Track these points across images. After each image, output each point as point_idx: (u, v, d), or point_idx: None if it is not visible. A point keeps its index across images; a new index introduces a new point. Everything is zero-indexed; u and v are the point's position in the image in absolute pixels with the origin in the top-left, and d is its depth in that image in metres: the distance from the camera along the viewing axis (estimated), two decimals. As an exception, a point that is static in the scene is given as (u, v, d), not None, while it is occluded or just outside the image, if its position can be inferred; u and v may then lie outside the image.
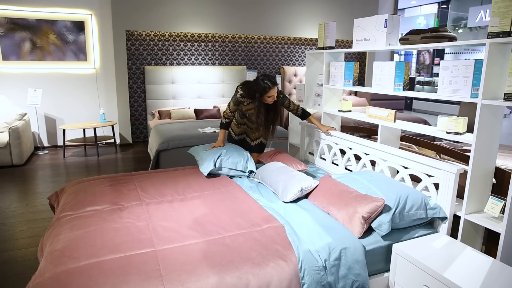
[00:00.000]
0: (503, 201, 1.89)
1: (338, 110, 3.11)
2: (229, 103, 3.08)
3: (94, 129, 5.53)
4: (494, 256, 1.95)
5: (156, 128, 5.00)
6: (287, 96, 3.11)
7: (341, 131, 3.39)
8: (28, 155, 5.23)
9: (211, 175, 2.85)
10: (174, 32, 6.23)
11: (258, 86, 2.86)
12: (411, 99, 11.43)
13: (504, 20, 1.78)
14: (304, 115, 3.20)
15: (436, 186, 2.26)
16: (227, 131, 3.22)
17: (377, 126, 2.69)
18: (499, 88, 1.93)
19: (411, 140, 3.04)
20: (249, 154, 2.99)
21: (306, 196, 2.45)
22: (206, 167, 2.80)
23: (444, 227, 2.12)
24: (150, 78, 6.13)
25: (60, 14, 5.66)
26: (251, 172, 2.93)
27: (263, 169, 2.76)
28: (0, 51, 5.46)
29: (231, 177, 2.89)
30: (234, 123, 3.27)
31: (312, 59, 3.47)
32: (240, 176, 2.91)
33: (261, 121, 2.99)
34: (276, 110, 3.07)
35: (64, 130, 5.46)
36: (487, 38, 1.86)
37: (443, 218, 2.12)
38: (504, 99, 1.82)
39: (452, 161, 2.78)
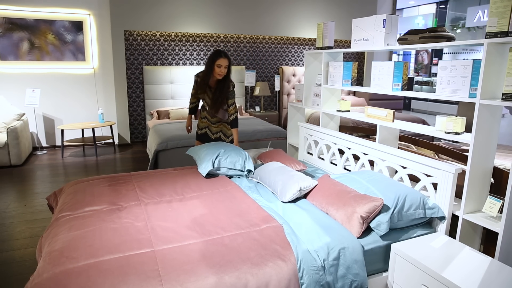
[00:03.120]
0: (501, 201, 1.90)
1: (337, 110, 3.12)
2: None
3: (93, 129, 5.52)
4: (493, 255, 1.96)
5: (154, 128, 5.00)
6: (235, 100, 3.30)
7: (340, 131, 3.39)
8: (26, 155, 5.22)
9: (209, 175, 2.85)
10: (172, 32, 6.22)
11: (210, 56, 3.14)
12: (410, 99, 11.45)
13: (502, 20, 1.79)
14: (232, 124, 3.33)
15: (435, 186, 2.26)
16: (193, 115, 3.58)
17: (375, 126, 2.69)
18: (497, 88, 1.94)
19: (409, 140, 3.05)
20: (247, 154, 3.00)
21: (305, 196, 2.45)
22: (204, 168, 2.80)
23: (443, 226, 2.12)
24: (148, 78, 6.13)
25: (58, 14, 5.65)
26: (249, 171, 2.94)
27: (262, 169, 2.76)
28: (-2, 51, 5.45)
29: (230, 177, 2.89)
30: (200, 118, 3.48)
31: (311, 59, 3.48)
32: (238, 176, 2.91)
33: (205, 82, 3.21)
34: (222, 89, 3.21)
35: (62, 130, 5.45)
36: (485, 38, 1.86)
37: (442, 218, 2.12)
38: (502, 99, 1.83)
39: (451, 161, 2.79)
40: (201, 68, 6.41)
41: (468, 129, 2.08)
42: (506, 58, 1.91)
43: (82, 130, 5.83)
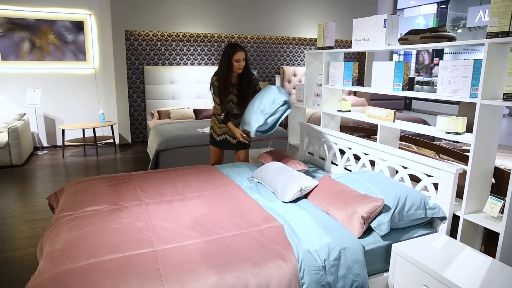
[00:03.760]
0: (502, 201, 1.89)
1: (338, 110, 3.11)
2: (213, 100, 3.17)
3: (94, 129, 5.53)
4: (493, 256, 1.96)
5: (155, 128, 5.00)
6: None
7: (341, 131, 3.39)
8: (27, 155, 5.23)
9: (211, 175, 2.85)
10: (173, 32, 6.23)
11: (225, 51, 2.99)
12: (411, 99, 11.44)
13: (503, 20, 1.79)
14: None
15: (436, 186, 2.26)
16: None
17: (376, 126, 2.69)
18: (498, 88, 1.94)
19: (410, 140, 3.05)
20: (273, 87, 2.87)
21: (306, 196, 2.44)
22: (254, 127, 2.81)
23: (444, 227, 2.12)
24: (149, 78, 6.13)
25: (59, 14, 5.66)
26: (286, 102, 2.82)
27: (263, 169, 2.76)
28: (-1, 51, 5.46)
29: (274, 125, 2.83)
30: (216, 123, 3.26)
31: (312, 59, 3.47)
32: (283, 112, 2.81)
33: (229, 82, 3.04)
34: (249, 81, 3.12)
35: (63, 130, 5.46)
36: (486, 38, 1.86)
37: (443, 218, 2.12)
38: (503, 99, 1.82)
39: (452, 161, 2.79)
40: (202, 68, 6.41)
41: (469, 129, 2.08)
42: (507, 58, 1.91)
43: (83, 130, 5.83)
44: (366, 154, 2.75)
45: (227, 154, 3.88)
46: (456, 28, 13.01)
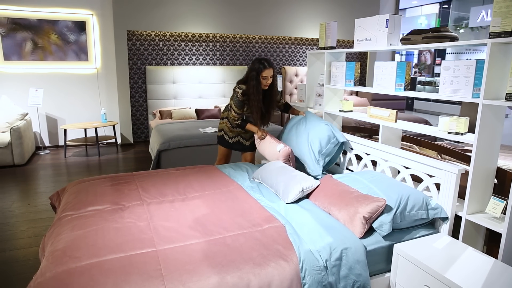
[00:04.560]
0: (505, 202, 1.89)
1: (339, 110, 3.11)
2: (231, 109, 3.06)
3: (95, 129, 5.54)
4: (496, 256, 1.95)
5: (157, 128, 5.01)
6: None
7: (342, 131, 3.38)
8: (29, 155, 5.24)
9: (212, 175, 2.85)
10: (175, 32, 6.23)
11: (254, 66, 2.91)
12: (412, 99, 11.42)
13: (506, 20, 1.78)
14: (286, 108, 3.35)
15: (437, 186, 2.25)
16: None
17: (378, 126, 2.69)
18: (501, 88, 1.93)
19: (412, 140, 3.04)
20: (322, 123, 2.93)
21: (307, 196, 2.44)
22: (316, 170, 2.86)
23: (445, 227, 2.11)
24: (151, 78, 6.14)
25: (61, 14, 5.67)
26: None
27: (263, 169, 2.76)
28: (1, 51, 5.47)
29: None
30: (228, 126, 3.22)
31: (313, 59, 3.47)
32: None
33: (258, 104, 2.95)
34: (271, 98, 3.09)
35: (65, 130, 5.47)
36: (489, 38, 1.86)
37: (444, 219, 2.12)
38: (506, 99, 1.82)
39: (454, 161, 2.78)
40: (204, 68, 6.41)
41: (471, 129, 2.08)
42: (510, 58, 1.90)
43: (85, 130, 5.84)
44: (368, 154, 2.75)
45: (233, 154, 3.88)
46: (458, 28, 12.98)
